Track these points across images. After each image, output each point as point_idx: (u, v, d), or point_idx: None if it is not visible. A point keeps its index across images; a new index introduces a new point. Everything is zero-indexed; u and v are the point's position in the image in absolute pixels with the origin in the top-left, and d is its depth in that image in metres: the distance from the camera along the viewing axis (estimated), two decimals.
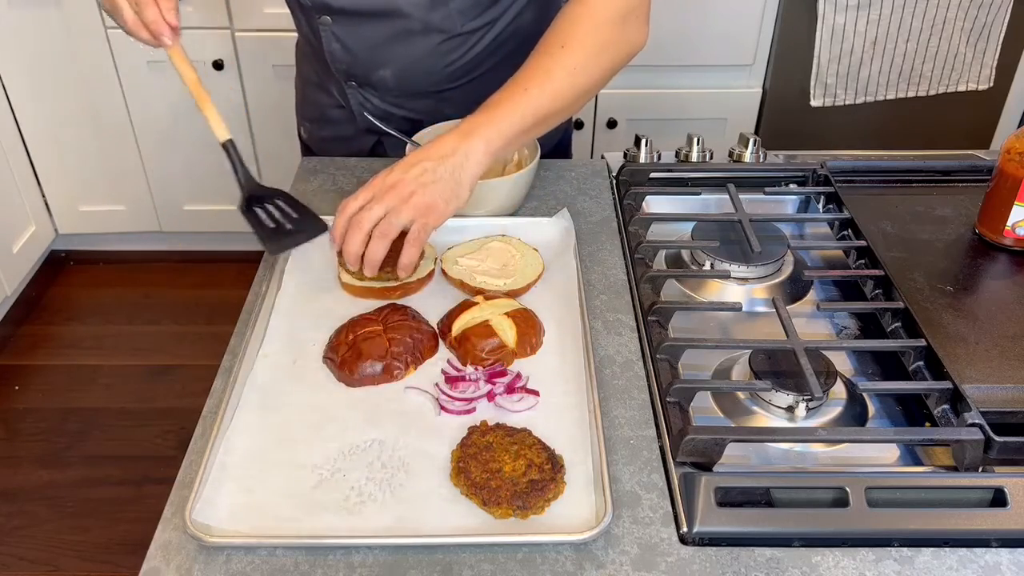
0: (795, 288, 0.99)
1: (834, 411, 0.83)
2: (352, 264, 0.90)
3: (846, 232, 1.05)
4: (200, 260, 2.60)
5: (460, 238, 1.04)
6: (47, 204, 2.48)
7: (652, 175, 1.15)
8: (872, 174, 1.17)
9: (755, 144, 1.17)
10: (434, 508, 0.73)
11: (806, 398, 0.80)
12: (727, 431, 0.78)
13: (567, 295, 0.95)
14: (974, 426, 0.76)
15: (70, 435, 2.11)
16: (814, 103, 2.17)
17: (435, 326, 0.92)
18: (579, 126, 2.21)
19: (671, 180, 1.15)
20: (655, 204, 1.14)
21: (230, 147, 0.94)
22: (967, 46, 2.13)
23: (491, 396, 0.83)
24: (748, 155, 1.17)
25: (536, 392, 0.84)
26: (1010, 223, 1.02)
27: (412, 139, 1.12)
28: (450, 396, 0.83)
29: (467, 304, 0.92)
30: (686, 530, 0.72)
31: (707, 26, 2.12)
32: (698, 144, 1.17)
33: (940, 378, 0.82)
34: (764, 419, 0.82)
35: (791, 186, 1.15)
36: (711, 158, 1.18)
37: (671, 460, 0.77)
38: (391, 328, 0.88)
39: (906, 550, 0.70)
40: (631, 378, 0.87)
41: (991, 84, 2.19)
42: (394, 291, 0.96)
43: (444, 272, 0.99)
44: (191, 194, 2.47)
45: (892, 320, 0.91)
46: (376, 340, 0.87)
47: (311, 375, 0.87)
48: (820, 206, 1.12)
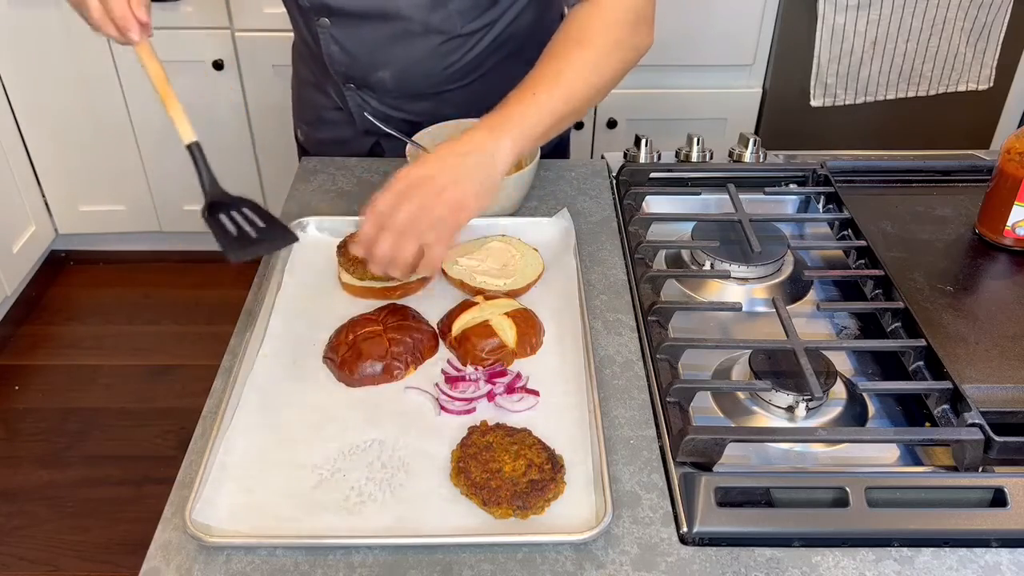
0: (795, 288, 0.99)
1: (834, 411, 0.83)
2: (379, 269, 0.85)
3: (846, 232, 1.05)
4: (200, 260, 2.60)
5: (460, 238, 1.03)
6: (47, 204, 2.48)
7: (652, 175, 1.15)
8: (872, 174, 1.17)
9: (755, 144, 1.17)
10: (434, 508, 0.73)
11: (806, 398, 0.80)
12: (727, 431, 0.78)
13: (567, 295, 0.95)
14: (974, 426, 0.76)
15: (70, 435, 2.11)
16: (814, 103, 2.17)
17: (435, 326, 0.92)
18: (579, 126, 2.21)
19: (671, 180, 1.15)
20: (655, 204, 1.14)
21: (195, 149, 0.90)
22: (967, 46, 2.13)
23: (491, 396, 0.83)
24: (748, 155, 1.17)
25: (536, 392, 0.84)
26: (1010, 223, 1.02)
27: (412, 139, 1.12)
28: (450, 396, 0.83)
29: (467, 304, 0.92)
30: (686, 530, 0.72)
31: (707, 26, 2.12)
32: (698, 144, 1.17)
33: (940, 378, 0.82)
34: (764, 419, 0.82)
35: (791, 186, 1.15)
36: (711, 158, 1.18)
37: (671, 460, 0.77)
38: (391, 328, 0.88)
39: (906, 550, 0.70)
40: (631, 378, 0.87)
41: (991, 84, 2.19)
42: (394, 291, 0.96)
43: (444, 272, 0.99)
44: (191, 194, 2.46)
45: (892, 320, 0.91)
46: (376, 340, 0.87)
47: (311, 375, 0.87)
48: (820, 206, 1.12)
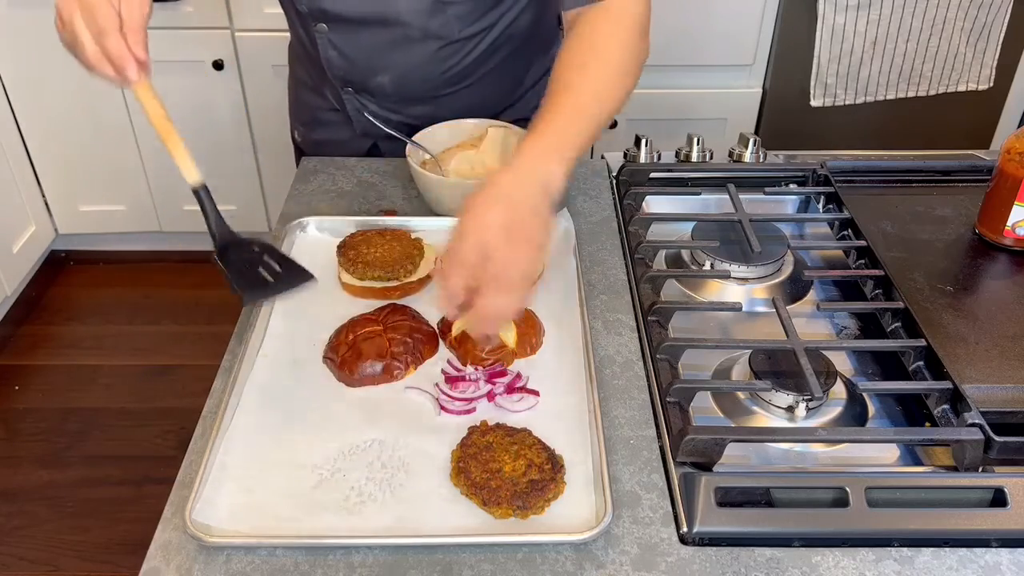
0: (795, 288, 0.99)
1: (834, 411, 0.83)
2: (484, 329, 0.78)
3: (846, 232, 1.05)
4: (200, 260, 2.60)
5: None
6: (47, 204, 2.48)
7: (652, 175, 1.15)
8: (872, 174, 1.17)
9: (755, 144, 1.17)
10: (434, 508, 0.73)
11: (806, 398, 0.80)
12: (727, 431, 0.78)
13: (567, 295, 0.95)
14: (974, 426, 0.76)
15: (70, 435, 2.11)
16: (814, 103, 2.17)
17: (435, 326, 0.92)
18: None
19: (671, 180, 1.15)
20: (655, 204, 1.14)
21: (202, 192, 0.85)
22: (967, 46, 2.13)
23: (491, 396, 0.83)
24: (748, 155, 1.17)
25: (536, 392, 0.84)
26: (1010, 223, 1.02)
27: (412, 139, 1.12)
28: (450, 396, 0.83)
29: None
30: (686, 530, 0.72)
31: (707, 26, 2.12)
32: (698, 144, 1.17)
33: (940, 378, 0.82)
34: (764, 419, 0.82)
35: (791, 186, 1.15)
36: (711, 158, 1.18)
37: (671, 460, 0.77)
38: (391, 328, 0.88)
39: (906, 550, 0.70)
40: (631, 378, 0.87)
41: (991, 84, 2.19)
42: (394, 291, 0.96)
43: None
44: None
45: (892, 320, 0.91)
46: (376, 340, 0.87)
47: (311, 375, 0.87)
48: (820, 206, 1.12)
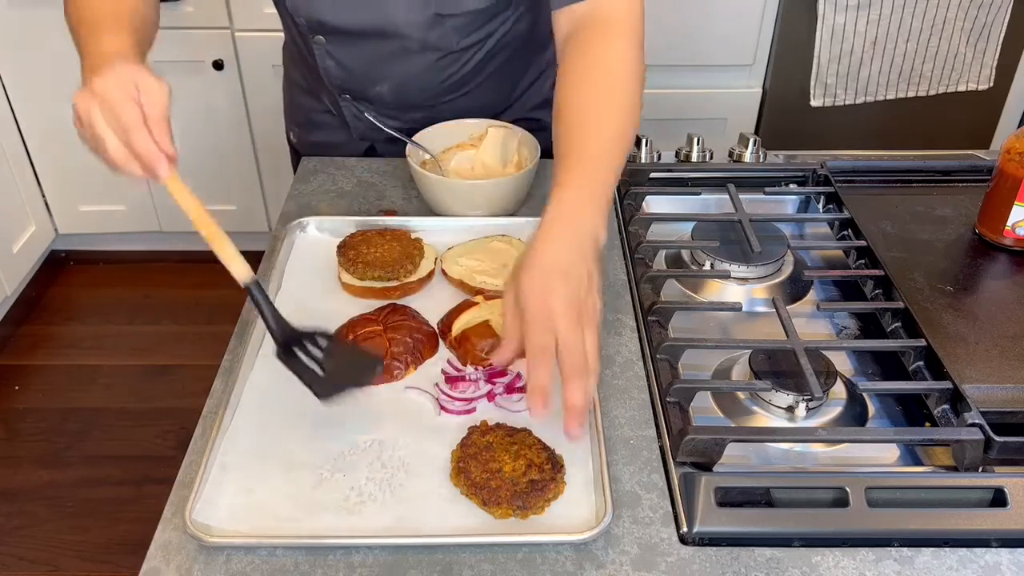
0: (795, 288, 0.99)
1: (834, 411, 0.83)
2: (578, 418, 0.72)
3: (846, 232, 1.05)
4: (200, 260, 2.58)
5: (460, 238, 1.04)
6: (47, 204, 2.48)
7: (652, 175, 1.15)
8: (872, 174, 1.17)
9: (755, 144, 1.17)
10: (434, 508, 0.73)
11: (806, 398, 0.80)
12: (727, 431, 0.78)
13: None
14: (974, 426, 0.76)
15: (70, 435, 2.11)
16: (814, 103, 2.16)
17: (435, 326, 0.92)
18: None
19: (671, 180, 1.15)
20: (655, 204, 1.14)
21: (254, 289, 0.79)
22: (967, 46, 2.13)
23: (491, 396, 0.83)
24: (748, 155, 1.17)
25: None
26: (1010, 223, 1.02)
27: (412, 139, 1.12)
28: (450, 396, 0.83)
29: (467, 304, 0.92)
30: (686, 530, 0.72)
31: (707, 26, 2.12)
32: (698, 144, 1.17)
33: (940, 378, 0.82)
34: (764, 419, 0.82)
35: (791, 186, 1.15)
36: (711, 158, 1.18)
37: (671, 460, 0.77)
38: (391, 328, 0.88)
39: (906, 550, 0.70)
40: (631, 378, 0.87)
41: (991, 84, 2.19)
42: (394, 291, 0.96)
43: (444, 272, 0.99)
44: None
45: (892, 320, 0.91)
46: (376, 340, 0.87)
47: None
48: (820, 206, 1.12)
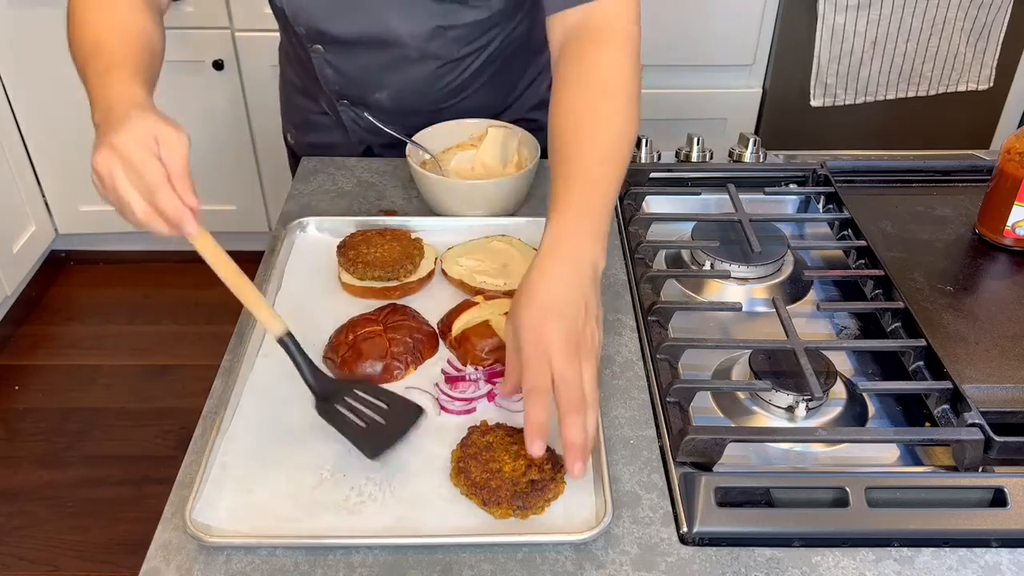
0: (795, 288, 0.99)
1: (834, 411, 0.83)
2: (579, 455, 0.70)
3: (846, 232, 1.05)
4: (200, 260, 2.59)
5: (460, 238, 1.04)
6: (47, 204, 2.48)
7: (652, 175, 1.15)
8: (872, 174, 1.17)
9: (755, 144, 1.17)
10: (434, 508, 0.73)
11: (806, 398, 0.80)
12: (727, 431, 0.78)
13: None
14: (974, 426, 0.76)
15: (70, 435, 2.11)
16: (814, 103, 2.16)
17: (435, 326, 0.92)
18: None
19: (671, 180, 1.15)
20: (655, 204, 1.14)
21: (288, 341, 0.78)
22: (967, 46, 2.13)
23: (491, 396, 0.83)
24: (748, 155, 1.17)
25: None
26: (1010, 223, 1.02)
27: (412, 139, 1.12)
28: (450, 396, 0.83)
29: (467, 304, 0.92)
30: (686, 530, 0.72)
31: (707, 26, 2.12)
32: (698, 144, 1.17)
33: (940, 378, 0.82)
34: (764, 419, 0.82)
35: (791, 186, 1.15)
36: (711, 158, 1.18)
37: (671, 460, 0.77)
38: (391, 328, 0.88)
39: (906, 550, 0.70)
40: (631, 378, 0.87)
41: (991, 84, 2.19)
42: (394, 291, 0.96)
43: (444, 272, 0.99)
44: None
45: (892, 320, 0.91)
46: (376, 340, 0.87)
47: None
48: (820, 206, 1.12)
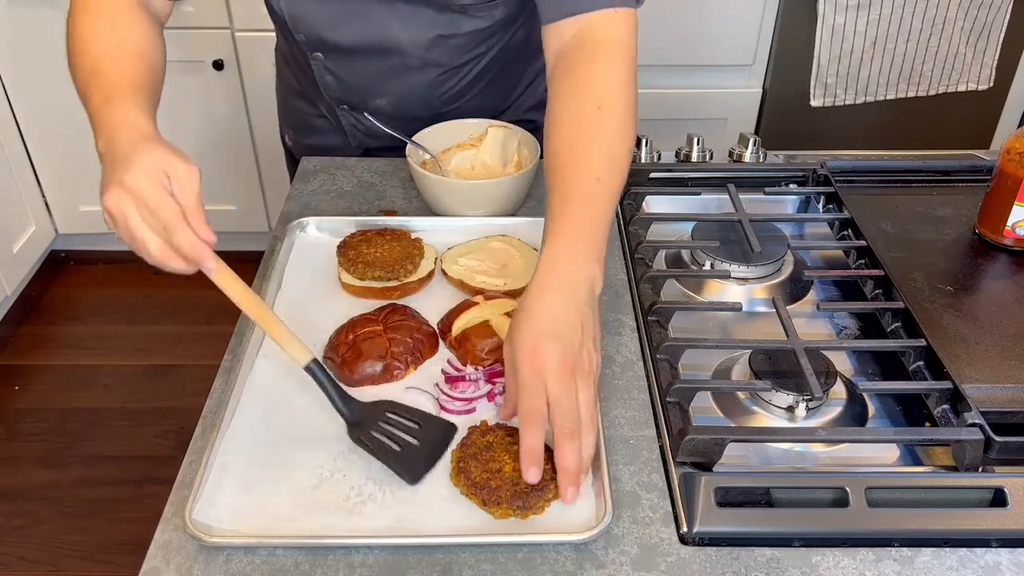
0: (795, 288, 0.99)
1: (834, 411, 0.83)
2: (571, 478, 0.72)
3: (846, 232, 1.05)
4: None
5: (460, 238, 1.04)
6: (47, 204, 2.48)
7: (652, 175, 1.15)
8: (872, 174, 1.17)
9: (755, 144, 1.17)
10: (434, 508, 0.73)
11: (806, 398, 0.80)
12: (727, 431, 0.78)
13: None
14: (974, 426, 0.76)
15: (70, 435, 2.11)
16: (814, 103, 2.16)
17: (435, 326, 0.92)
18: None
19: (671, 180, 1.15)
20: (655, 204, 1.14)
21: (314, 368, 0.78)
22: (967, 46, 2.13)
23: (491, 396, 0.83)
24: (748, 155, 1.17)
25: None
26: (1010, 223, 1.02)
27: (412, 139, 1.12)
28: (450, 396, 0.83)
29: (467, 304, 0.92)
30: (686, 530, 0.72)
31: (707, 26, 2.12)
32: (698, 144, 1.17)
33: (940, 378, 0.82)
34: (764, 419, 0.82)
35: (791, 186, 1.15)
36: (711, 158, 1.18)
37: (671, 460, 0.77)
38: (391, 328, 0.88)
39: (906, 550, 0.70)
40: (631, 378, 0.87)
41: (991, 84, 2.19)
42: (394, 291, 0.96)
43: (444, 272, 0.99)
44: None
45: (892, 320, 0.91)
46: (376, 340, 0.87)
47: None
48: (820, 206, 1.12)
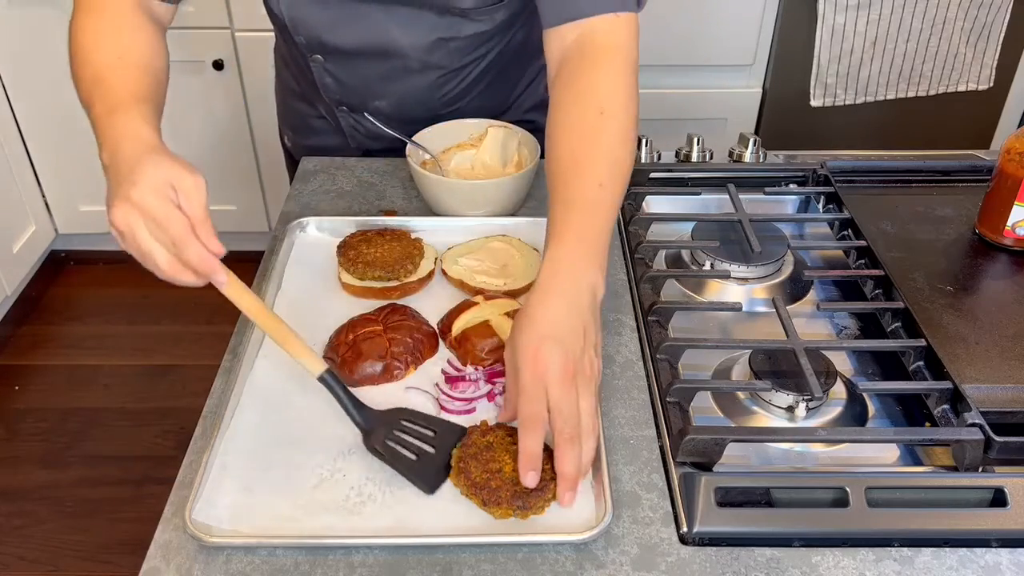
0: (795, 288, 0.99)
1: (834, 411, 0.83)
2: (570, 484, 0.72)
3: (846, 232, 1.05)
4: None
5: (460, 238, 1.04)
6: (47, 204, 2.48)
7: (652, 175, 1.15)
8: (872, 174, 1.17)
9: (755, 144, 1.17)
10: (434, 508, 0.73)
11: (806, 398, 0.80)
12: (727, 431, 0.78)
13: None
14: (974, 426, 0.76)
15: (70, 435, 2.11)
16: (814, 103, 2.16)
17: (435, 326, 0.92)
18: None
19: (671, 180, 1.15)
20: (655, 204, 1.14)
21: (328, 378, 0.78)
22: (967, 46, 2.13)
23: (491, 396, 0.83)
24: (748, 155, 1.17)
25: None
26: (1010, 223, 1.02)
27: (412, 139, 1.12)
28: (450, 396, 0.83)
29: (467, 304, 0.92)
30: (686, 530, 0.72)
31: (707, 26, 2.12)
32: (698, 144, 1.17)
33: (940, 378, 0.82)
34: (764, 419, 0.82)
35: (791, 186, 1.15)
36: (711, 158, 1.18)
37: (671, 460, 0.77)
38: (391, 328, 0.88)
39: (906, 550, 0.70)
40: (631, 378, 0.87)
41: (991, 84, 2.19)
42: (394, 291, 0.96)
43: (444, 272, 0.99)
44: None
45: (892, 320, 0.91)
46: (376, 340, 0.87)
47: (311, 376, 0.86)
48: (820, 206, 1.12)
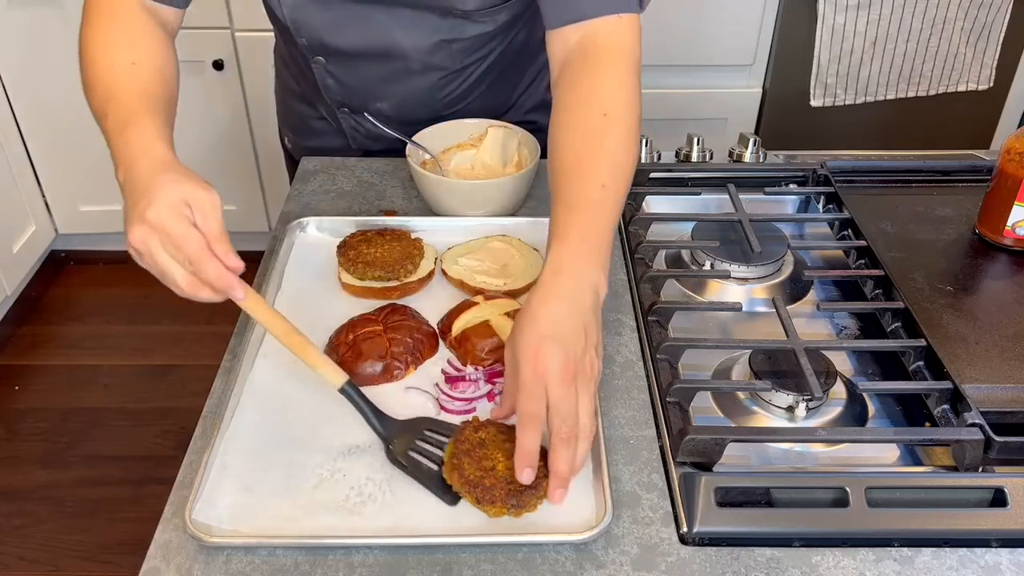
0: (795, 288, 0.99)
1: (834, 411, 0.83)
2: (562, 483, 0.71)
3: (846, 232, 1.05)
4: None
5: (460, 238, 1.04)
6: (47, 204, 2.48)
7: (652, 175, 1.15)
8: (872, 174, 1.17)
9: (755, 144, 1.17)
10: (434, 508, 0.73)
11: (806, 398, 0.80)
12: (727, 431, 0.78)
13: None
14: (974, 426, 0.76)
15: (70, 435, 2.11)
16: (814, 103, 2.16)
17: (435, 326, 0.92)
18: None
19: (671, 180, 1.15)
20: (655, 204, 1.13)
21: (349, 390, 0.79)
22: (967, 46, 2.13)
23: (491, 396, 0.83)
24: (748, 155, 1.17)
25: None
26: (1010, 223, 1.02)
27: (412, 139, 1.12)
28: (450, 396, 0.83)
29: (467, 304, 0.92)
30: (686, 530, 0.72)
31: (707, 26, 2.12)
32: (698, 144, 1.17)
33: (940, 378, 0.82)
34: (764, 419, 0.82)
35: (791, 186, 1.15)
36: (711, 158, 1.18)
37: (671, 460, 0.77)
38: (391, 328, 0.88)
39: (906, 550, 0.70)
40: (631, 378, 0.87)
41: (991, 84, 2.19)
42: (394, 291, 0.96)
43: (444, 272, 0.99)
44: None
45: (892, 320, 0.91)
46: (376, 340, 0.87)
47: (311, 375, 0.86)
48: (820, 206, 1.12)
